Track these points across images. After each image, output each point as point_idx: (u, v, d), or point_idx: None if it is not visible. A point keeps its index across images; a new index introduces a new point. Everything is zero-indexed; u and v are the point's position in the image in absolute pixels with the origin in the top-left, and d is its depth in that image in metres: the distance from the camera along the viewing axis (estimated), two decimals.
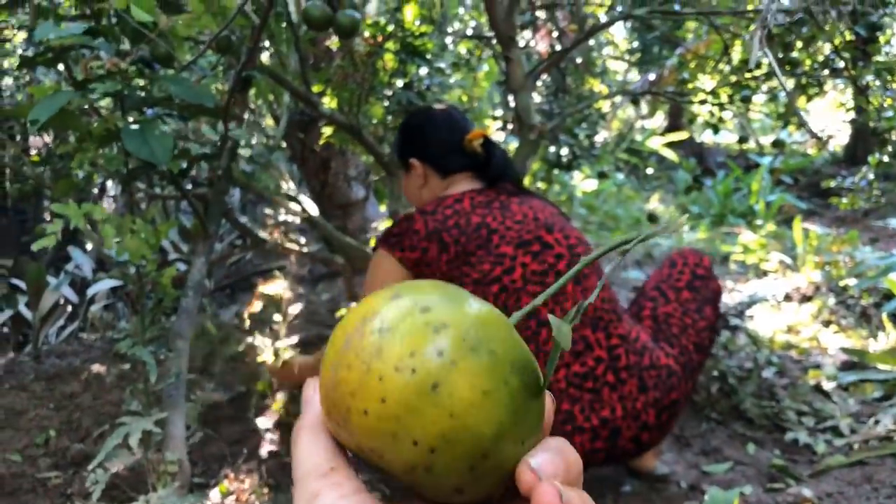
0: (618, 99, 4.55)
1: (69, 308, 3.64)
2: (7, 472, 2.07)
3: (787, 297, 3.65)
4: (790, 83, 2.75)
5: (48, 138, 3.37)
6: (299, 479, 0.36)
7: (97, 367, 2.75)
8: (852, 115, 3.05)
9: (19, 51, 2.95)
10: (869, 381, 2.57)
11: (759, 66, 2.81)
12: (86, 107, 1.94)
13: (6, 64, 2.93)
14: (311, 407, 0.39)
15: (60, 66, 1.98)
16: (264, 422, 2.36)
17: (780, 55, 2.69)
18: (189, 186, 2.41)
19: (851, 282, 3.52)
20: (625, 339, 1.58)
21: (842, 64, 2.69)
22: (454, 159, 1.82)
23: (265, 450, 2.19)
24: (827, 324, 3.26)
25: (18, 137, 3.33)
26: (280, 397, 2.44)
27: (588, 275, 1.63)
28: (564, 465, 0.34)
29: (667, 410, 1.59)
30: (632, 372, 1.54)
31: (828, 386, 2.60)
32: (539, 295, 1.51)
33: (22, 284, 3.32)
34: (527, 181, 2.81)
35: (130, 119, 1.77)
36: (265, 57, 2.62)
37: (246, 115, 2.56)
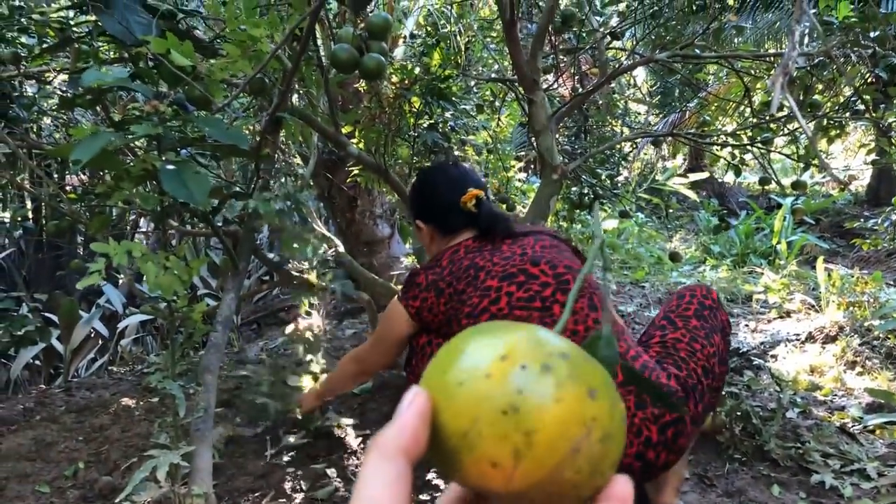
0: (639, 140, 4.60)
1: (100, 341, 3.70)
2: (36, 503, 2.10)
3: (811, 338, 3.63)
4: (811, 125, 2.78)
5: (83, 176, 3.47)
6: (354, 499, 0.35)
7: (126, 400, 2.79)
8: (874, 156, 3.06)
9: (58, 92, 3.05)
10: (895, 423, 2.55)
11: (780, 108, 2.84)
12: (121, 146, 2.00)
13: (45, 105, 3.02)
14: (402, 432, 0.37)
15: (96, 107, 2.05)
16: (288, 457, 2.38)
17: (801, 97, 2.73)
18: (219, 223, 2.46)
19: (876, 323, 3.50)
20: (621, 357, 1.60)
21: (862, 106, 2.72)
22: (454, 219, 1.99)
23: (288, 485, 2.21)
24: (852, 365, 3.23)
25: (56, 176, 3.43)
26: (300, 434, 2.47)
27: (577, 299, 1.69)
28: None
29: (671, 427, 1.58)
30: (628, 388, 1.56)
31: (853, 428, 2.58)
32: (525, 319, 1.57)
33: (54, 318, 3.40)
34: (549, 220, 2.84)
35: (165, 159, 1.83)
36: (295, 98, 2.69)
37: (276, 156, 2.62)
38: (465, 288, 1.78)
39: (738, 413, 2.50)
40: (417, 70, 2.60)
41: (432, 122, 2.72)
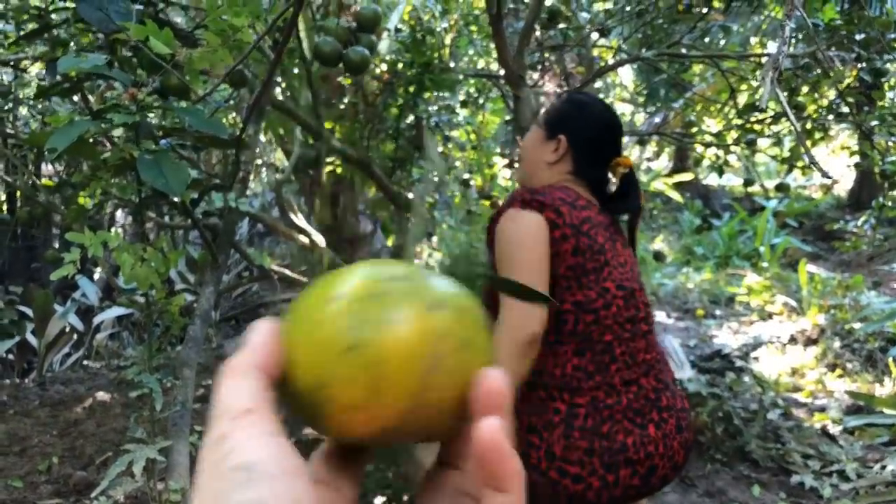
0: (624, 139, 4.59)
1: (75, 336, 3.65)
2: (9, 498, 2.06)
3: (793, 340, 3.64)
4: (795, 127, 2.78)
5: (59, 166, 3.41)
6: (212, 419, 0.32)
7: (102, 395, 2.75)
8: (857, 159, 3.08)
9: (35, 81, 3.00)
10: (875, 425, 2.56)
11: (763, 110, 2.84)
12: (99, 135, 1.97)
13: (22, 93, 2.97)
14: (254, 351, 0.34)
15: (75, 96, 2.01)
16: None
17: (787, 98, 2.73)
18: (199, 216, 2.43)
19: (857, 326, 3.52)
20: (667, 385, 1.64)
21: (846, 109, 2.73)
22: (595, 168, 1.73)
23: None
24: (832, 367, 3.25)
25: (31, 165, 3.37)
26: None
27: (651, 331, 1.68)
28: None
29: (689, 451, 1.65)
30: (671, 413, 1.60)
31: (833, 429, 2.59)
32: (617, 335, 1.47)
33: (29, 311, 3.34)
34: None
35: (144, 148, 1.80)
36: (277, 91, 2.66)
37: (258, 149, 2.59)
38: (591, 272, 1.57)
39: (720, 414, 2.50)
40: (401, 65, 2.58)
41: (417, 115, 2.70)
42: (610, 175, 1.75)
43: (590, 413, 1.53)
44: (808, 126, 2.84)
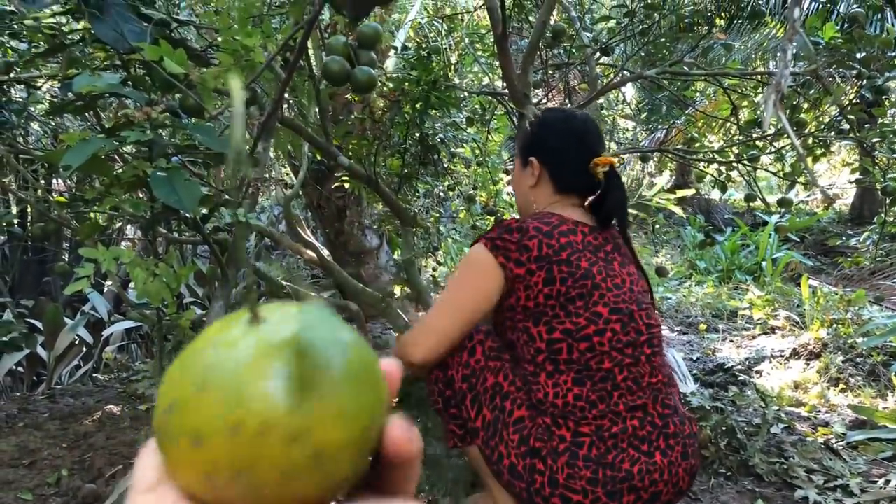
0: (626, 156, 4.63)
1: (84, 349, 3.68)
2: None
3: (795, 354, 3.66)
4: (796, 143, 2.82)
5: (69, 182, 3.45)
6: (129, 496, 0.34)
7: (111, 408, 2.77)
8: (858, 175, 3.11)
9: (48, 97, 3.05)
10: (878, 440, 2.57)
11: (763, 126, 2.88)
12: (111, 153, 2.00)
13: (34, 109, 3.02)
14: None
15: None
16: None
17: (788, 116, 2.76)
18: (208, 231, 2.46)
19: (859, 340, 3.54)
20: (674, 411, 1.62)
21: (847, 126, 2.76)
22: (574, 177, 1.74)
23: None
24: (835, 382, 3.26)
25: (42, 181, 3.42)
26: None
27: (657, 353, 1.66)
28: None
29: (694, 476, 1.64)
30: (677, 440, 1.58)
31: (837, 444, 2.60)
32: (618, 362, 1.48)
33: (38, 324, 3.37)
34: None
35: (156, 165, 1.84)
36: (285, 109, 2.70)
37: (267, 165, 2.63)
38: (576, 300, 1.56)
39: (724, 428, 2.52)
40: (407, 84, 2.61)
41: (423, 131, 2.73)
42: (598, 177, 1.71)
43: (595, 442, 1.52)
44: (810, 142, 2.87)
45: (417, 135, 2.75)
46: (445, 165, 3.17)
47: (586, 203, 1.74)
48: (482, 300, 1.61)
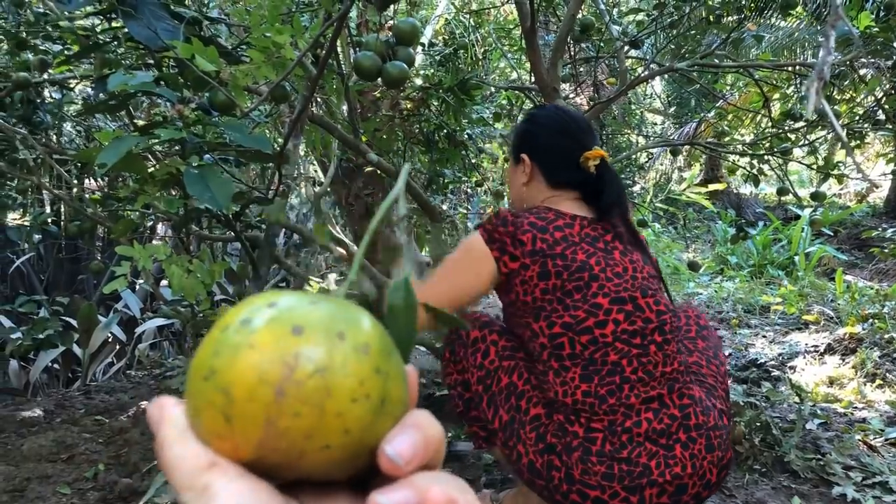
0: (655, 150, 4.60)
1: (117, 346, 3.73)
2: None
3: (830, 350, 3.61)
4: (829, 136, 2.77)
5: (102, 181, 3.50)
6: (182, 485, 0.33)
7: (145, 404, 2.81)
8: (893, 166, 3.05)
9: (81, 97, 3.09)
10: None
11: (800, 118, 2.84)
12: (144, 151, 2.03)
13: (68, 110, 3.07)
14: (170, 424, 0.35)
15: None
16: None
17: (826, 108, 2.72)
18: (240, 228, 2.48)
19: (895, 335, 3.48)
20: (695, 401, 1.59)
21: (883, 116, 2.71)
22: (565, 172, 1.74)
23: None
24: (872, 377, 3.21)
25: (75, 180, 3.46)
26: None
27: (670, 341, 1.63)
28: (423, 443, 0.34)
29: (725, 469, 1.60)
30: (700, 432, 1.56)
31: (875, 441, 2.56)
32: (625, 353, 1.45)
33: (73, 322, 3.43)
34: None
35: (189, 163, 1.85)
36: (313, 106, 2.71)
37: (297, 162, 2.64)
38: (574, 293, 1.56)
39: (758, 424, 2.49)
40: (436, 79, 2.61)
41: (451, 129, 2.73)
42: (590, 170, 1.71)
43: (608, 437, 1.50)
44: (844, 133, 2.82)
45: (445, 132, 2.75)
46: (473, 161, 3.17)
47: (584, 200, 1.74)
48: (473, 279, 1.63)
